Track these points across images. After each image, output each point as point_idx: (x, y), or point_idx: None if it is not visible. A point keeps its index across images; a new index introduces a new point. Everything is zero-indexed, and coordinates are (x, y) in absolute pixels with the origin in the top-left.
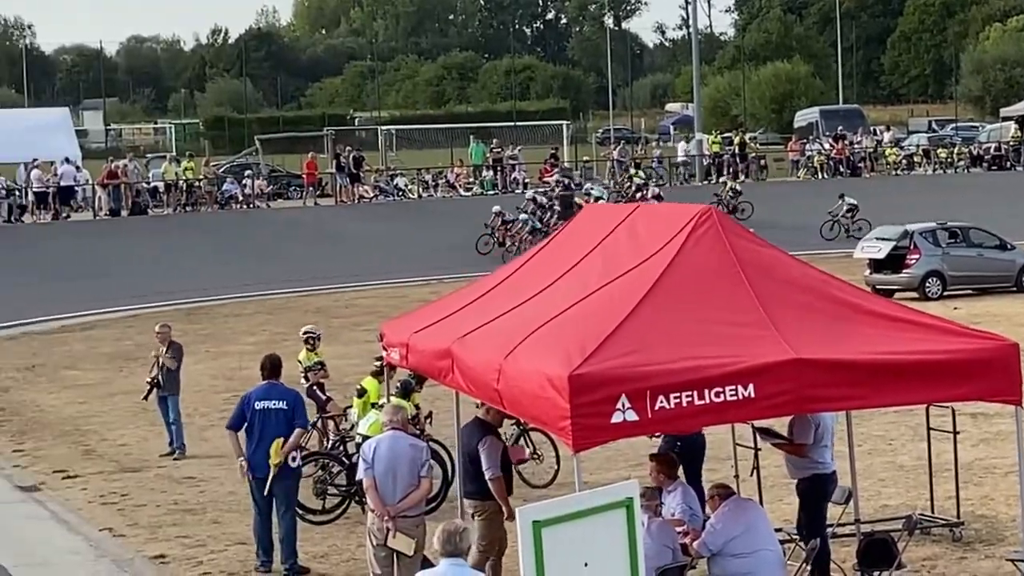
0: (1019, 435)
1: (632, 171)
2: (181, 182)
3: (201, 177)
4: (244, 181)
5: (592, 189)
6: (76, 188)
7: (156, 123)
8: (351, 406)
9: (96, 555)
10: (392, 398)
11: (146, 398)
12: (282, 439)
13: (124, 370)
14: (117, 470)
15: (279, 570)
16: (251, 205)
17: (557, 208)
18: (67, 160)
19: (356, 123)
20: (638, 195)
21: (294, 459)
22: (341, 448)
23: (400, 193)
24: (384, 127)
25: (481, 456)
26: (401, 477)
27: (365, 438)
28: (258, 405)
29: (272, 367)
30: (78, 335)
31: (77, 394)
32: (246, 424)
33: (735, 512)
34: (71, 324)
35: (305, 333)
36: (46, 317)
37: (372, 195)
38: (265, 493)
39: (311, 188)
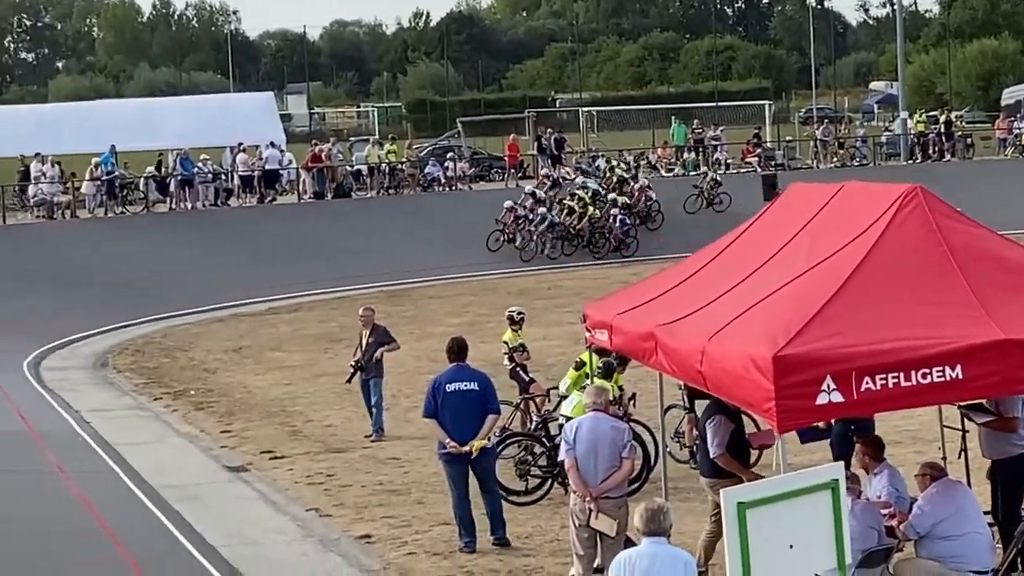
0: None
1: (613, 163)
2: (384, 165)
3: (404, 160)
4: (446, 163)
5: (588, 183)
6: (281, 172)
7: (359, 106)
8: (554, 387)
9: (303, 535)
10: (595, 379)
11: (349, 381)
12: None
13: (329, 351)
14: (323, 451)
15: (483, 550)
16: (453, 187)
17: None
18: (272, 144)
19: (557, 105)
20: (624, 189)
21: (489, 440)
22: (543, 429)
23: (601, 174)
24: (585, 108)
25: (708, 433)
26: (603, 458)
27: (568, 419)
28: (449, 388)
29: (459, 349)
30: (284, 317)
31: (283, 375)
32: (438, 408)
33: (944, 494)
34: (277, 306)
35: (512, 314)
36: (253, 299)
37: (573, 176)
38: (445, 448)
39: (513, 170)
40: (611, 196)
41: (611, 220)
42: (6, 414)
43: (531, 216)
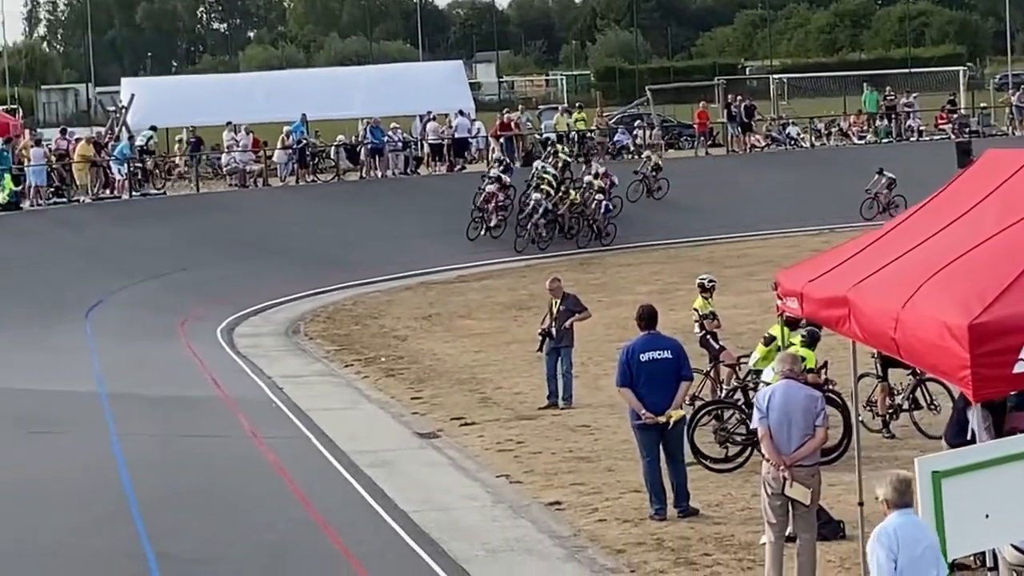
0: None
1: (559, 147)
2: (573, 133)
3: (593, 128)
4: (635, 131)
5: (547, 167)
6: (470, 140)
7: (548, 75)
8: (745, 356)
9: (493, 501)
10: (793, 347)
11: (540, 349)
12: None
13: (518, 319)
14: (512, 418)
15: (673, 517)
16: (642, 155)
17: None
18: (461, 112)
19: (747, 72)
20: (566, 174)
21: (682, 406)
22: (740, 396)
23: (792, 142)
24: (775, 76)
25: (970, 420)
26: (796, 426)
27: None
28: (643, 356)
29: (649, 317)
30: (473, 285)
31: (472, 343)
32: (632, 376)
33: None
34: (466, 274)
35: (704, 281)
36: (442, 267)
37: (764, 144)
38: (639, 417)
39: (702, 138)
40: (587, 179)
41: (594, 206)
42: (200, 380)
43: (517, 203)
